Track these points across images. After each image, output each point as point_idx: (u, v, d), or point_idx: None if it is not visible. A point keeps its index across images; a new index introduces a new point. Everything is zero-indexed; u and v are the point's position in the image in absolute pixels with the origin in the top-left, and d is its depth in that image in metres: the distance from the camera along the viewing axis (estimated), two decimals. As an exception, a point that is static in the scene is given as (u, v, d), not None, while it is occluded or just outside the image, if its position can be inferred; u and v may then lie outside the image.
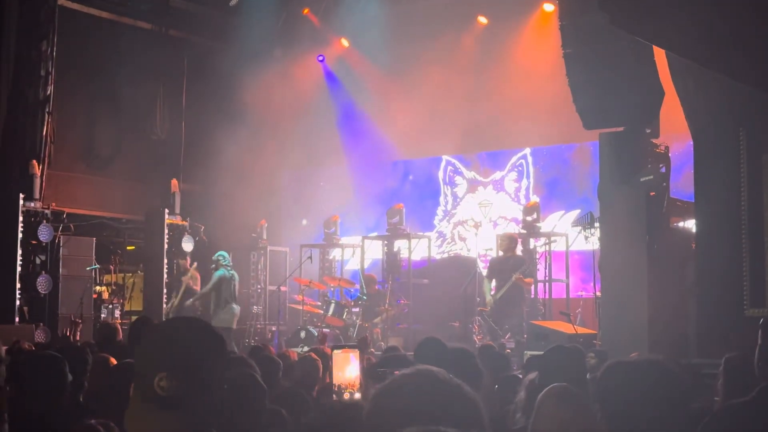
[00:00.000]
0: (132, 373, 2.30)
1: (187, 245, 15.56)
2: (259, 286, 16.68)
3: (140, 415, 2.29)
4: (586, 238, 11.64)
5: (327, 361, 7.12)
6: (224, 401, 2.33)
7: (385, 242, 15.65)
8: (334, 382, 3.00)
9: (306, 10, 17.87)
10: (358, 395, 3.00)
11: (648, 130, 10.05)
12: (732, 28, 7.09)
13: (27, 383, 4.18)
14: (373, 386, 2.13)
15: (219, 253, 14.33)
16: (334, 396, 3.00)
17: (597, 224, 10.84)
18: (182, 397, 2.25)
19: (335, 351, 3.17)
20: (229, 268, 14.13)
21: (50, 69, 14.39)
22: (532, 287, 13.90)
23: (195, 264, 15.12)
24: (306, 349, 11.19)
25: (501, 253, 13.39)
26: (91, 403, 5.17)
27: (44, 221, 13.85)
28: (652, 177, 9.90)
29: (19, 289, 13.51)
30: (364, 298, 14.50)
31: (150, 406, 2.26)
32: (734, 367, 4.83)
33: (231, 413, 4.06)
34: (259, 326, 16.25)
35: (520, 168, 17.24)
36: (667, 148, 10.22)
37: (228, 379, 4.02)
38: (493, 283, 13.04)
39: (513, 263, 12.92)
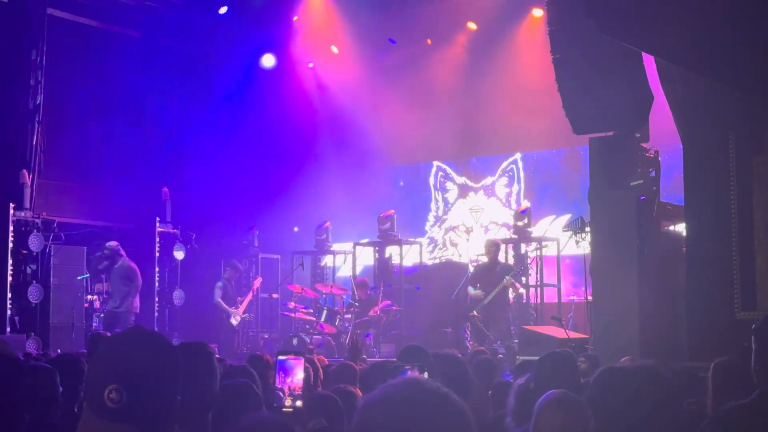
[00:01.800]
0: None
1: (179, 253, 15.55)
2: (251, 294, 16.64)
3: (91, 428, 2.27)
4: (577, 242, 11.64)
5: (317, 369, 7.14)
6: (220, 409, 2.33)
7: (377, 249, 15.65)
8: (277, 386, 3.02)
9: (296, 18, 17.89)
10: (299, 402, 3.01)
11: (638, 135, 10.07)
12: (719, 33, 7.12)
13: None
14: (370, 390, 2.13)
15: (114, 243, 14.06)
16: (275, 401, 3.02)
17: (588, 229, 10.86)
18: (131, 409, 2.23)
19: (279, 356, 3.19)
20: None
21: (40, 78, 14.37)
22: (524, 293, 13.91)
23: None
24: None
25: (486, 260, 13.39)
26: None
27: (35, 230, 13.81)
28: (642, 181, 9.92)
29: (10, 298, 13.45)
30: (356, 304, 14.49)
31: (100, 419, 2.25)
32: (723, 372, 4.83)
33: (227, 421, 4.06)
34: (251, 334, 16.22)
35: (510, 173, 17.27)
36: (656, 152, 10.24)
37: (224, 386, 4.03)
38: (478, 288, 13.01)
39: (501, 270, 12.94)
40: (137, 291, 13.84)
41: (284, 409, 2.96)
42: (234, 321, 15.15)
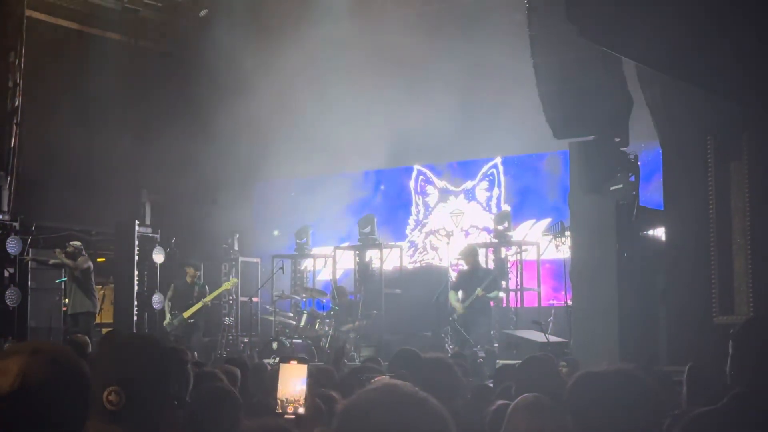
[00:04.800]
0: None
1: (158, 257, 15.47)
2: (230, 297, 16.58)
3: (88, 430, 2.28)
4: (557, 246, 11.70)
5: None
6: (199, 414, 2.36)
7: (357, 252, 15.63)
8: (278, 396, 3.00)
9: (277, 22, 17.83)
10: (302, 410, 3.00)
11: (617, 139, 10.12)
12: (698, 40, 7.16)
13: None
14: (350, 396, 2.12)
15: (77, 242, 13.85)
16: (278, 409, 2.99)
17: (568, 233, 10.90)
18: (130, 411, 2.27)
19: (282, 363, 3.17)
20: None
21: (18, 80, 14.28)
22: (504, 297, 13.92)
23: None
24: (278, 360, 11.16)
25: (465, 265, 13.38)
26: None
27: (12, 234, 13.72)
28: (621, 186, 9.96)
29: (-12, 302, 13.38)
30: (336, 308, 14.47)
31: (99, 420, 2.26)
32: (696, 375, 4.85)
33: (206, 427, 4.04)
34: (230, 337, 16.16)
35: (491, 177, 17.29)
36: (636, 156, 10.30)
37: (203, 391, 4.00)
38: (460, 293, 13.01)
39: (481, 275, 12.93)
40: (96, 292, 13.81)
41: (286, 416, 2.95)
42: (165, 323, 14.44)
